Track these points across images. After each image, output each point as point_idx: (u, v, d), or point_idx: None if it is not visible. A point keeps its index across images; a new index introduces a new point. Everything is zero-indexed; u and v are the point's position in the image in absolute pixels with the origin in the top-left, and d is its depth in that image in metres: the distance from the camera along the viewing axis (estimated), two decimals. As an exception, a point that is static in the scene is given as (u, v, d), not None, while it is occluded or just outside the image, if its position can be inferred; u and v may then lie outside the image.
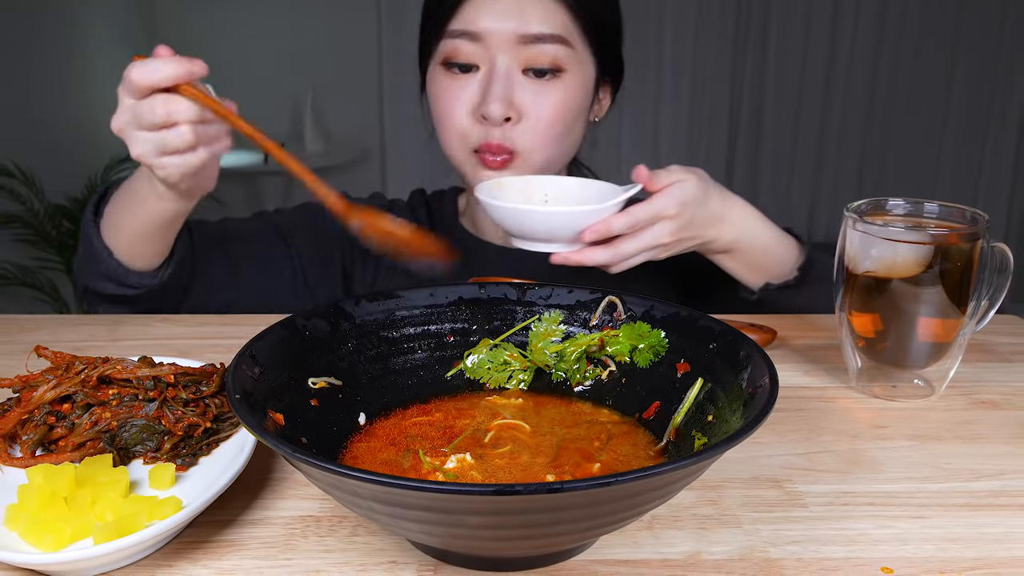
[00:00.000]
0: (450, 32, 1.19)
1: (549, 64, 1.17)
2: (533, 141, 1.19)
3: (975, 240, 0.90)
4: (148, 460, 0.77)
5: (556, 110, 1.19)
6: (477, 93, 1.19)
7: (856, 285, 0.95)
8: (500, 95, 1.16)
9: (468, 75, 1.20)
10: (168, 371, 0.82)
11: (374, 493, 0.53)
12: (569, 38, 1.18)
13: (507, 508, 0.53)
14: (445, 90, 1.22)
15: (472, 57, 1.18)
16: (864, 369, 0.99)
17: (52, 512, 0.66)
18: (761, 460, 0.83)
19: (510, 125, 1.18)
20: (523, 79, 1.18)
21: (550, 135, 1.20)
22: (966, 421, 0.92)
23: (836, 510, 0.75)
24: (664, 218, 1.04)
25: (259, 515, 0.73)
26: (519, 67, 1.18)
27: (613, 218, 1.01)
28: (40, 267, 3.67)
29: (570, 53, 1.18)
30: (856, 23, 4.62)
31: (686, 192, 1.04)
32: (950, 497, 0.77)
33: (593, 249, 1.03)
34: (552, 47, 1.16)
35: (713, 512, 0.74)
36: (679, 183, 1.04)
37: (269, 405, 0.68)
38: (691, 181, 1.05)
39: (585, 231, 1.01)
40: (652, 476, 0.52)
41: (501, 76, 1.17)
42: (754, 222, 1.13)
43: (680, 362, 0.79)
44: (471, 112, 1.20)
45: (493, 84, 1.16)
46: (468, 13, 1.18)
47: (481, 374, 0.85)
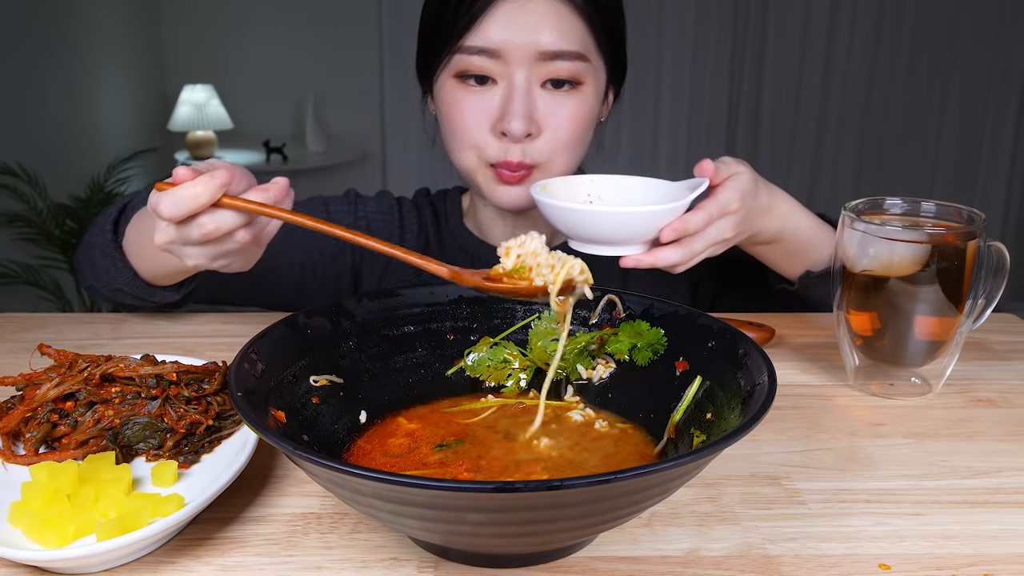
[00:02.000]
0: (466, 48, 1.15)
1: (568, 76, 1.15)
2: (553, 154, 1.18)
3: (972, 239, 0.90)
4: (151, 458, 0.77)
5: (574, 121, 1.17)
6: (496, 108, 1.15)
7: (854, 284, 0.95)
8: (521, 112, 1.13)
9: (485, 87, 1.16)
10: (171, 369, 0.82)
11: (375, 490, 0.53)
12: (586, 52, 1.15)
13: (507, 505, 0.53)
14: (460, 102, 1.18)
15: (490, 71, 1.15)
16: (862, 367, 0.99)
17: (55, 509, 0.66)
18: (759, 457, 0.83)
19: (529, 140, 1.16)
20: (542, 92, 1.15)
21: (569, 145, 1.19)
22: (963, 419, 0.92)
23: (834, 507, 0.75)
24: (728, 212, 1.00)
25: (261, 512, 0.73)
26: (538, 81, 1.15)
27: (689, 216, 0.97)
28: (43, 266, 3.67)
29: (587, 67, 1.17)
30: (853, 24, 4.63)
31: (745, 184, 1.02)
32: (947, 494, 0.77)
33: (663, 249, 0.97)
34: (571, 63, 1.14)
35: (712, 509, 0.74)
36: (737, 175, 1.02)
37: (271, 403, 0.68)
38: (746, 173, 1.03)
39: (664, 230, 0.96)
40: (651, 473, 0.52)
41: (521, 92, 1.14)
42: (796, 211, 1.11)
43: (679, 360, 0.79)
44: (490, 127, 1.16)
45: (514, 100, 1.13)
46: (486, 29, 1.13)
47: (481, 372, 0.85)
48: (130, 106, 4.42)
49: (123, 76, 4.36)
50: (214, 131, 4.58)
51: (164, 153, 4.63)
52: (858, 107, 4.76)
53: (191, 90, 4.50)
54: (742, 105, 4.80)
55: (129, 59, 4.46)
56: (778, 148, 4.85)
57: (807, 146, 4.85)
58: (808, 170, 4.89)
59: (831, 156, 4.85)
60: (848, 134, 4.80)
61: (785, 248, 1.11)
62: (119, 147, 4.08)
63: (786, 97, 4.76)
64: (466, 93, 1.17)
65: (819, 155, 4.86)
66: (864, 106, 4.76)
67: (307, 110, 4.71)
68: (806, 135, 4.82)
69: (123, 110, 4.34)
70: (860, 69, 4.68)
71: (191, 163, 4.58)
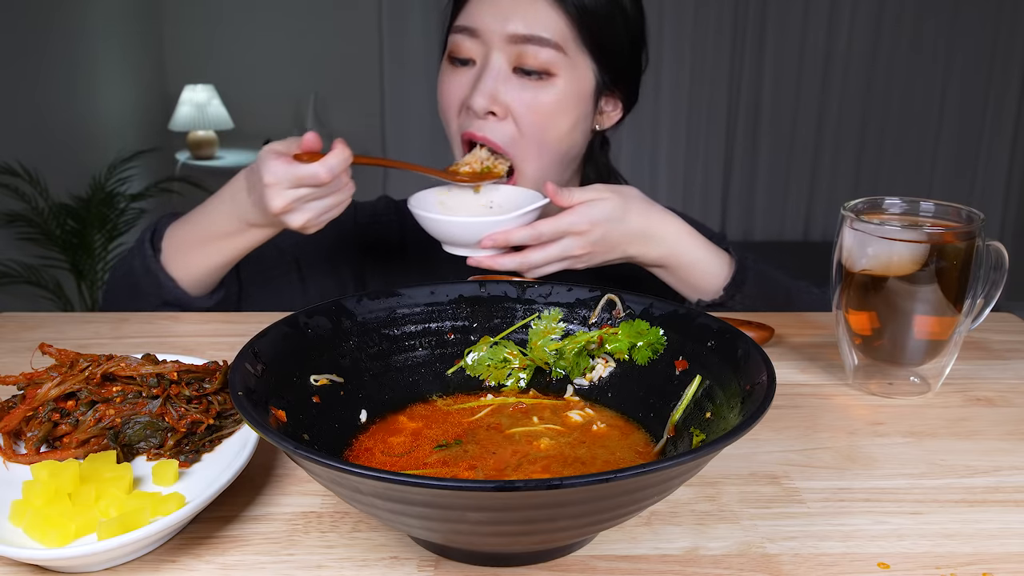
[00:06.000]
0: (455, 27, 1.23)
1: (538, 66, 1.19)
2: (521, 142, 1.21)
3: (971, 239, 0.90)
4: (152, 457, 0.77)
5: (540, 111, 1.20)
6: (468, 86, 1.22)
7: (853, 283, 0.95)
8: (484, 89, 1.19)
9: (465, 68, 1.23)
10: (171, 368, 0.82)
11: (375, 489, 0.54)
12: (563, 44, 1.19)
13: (507, 504, 0.53)
14: (443, 82, 1.27)
15: (471, 52, 1.22)
16: (861, 366, 0.99)
17: (57, 508, 0.66)
18: (759, 456, 0.83)
19: (495, 121, 1.21)
20: (513, 77, 1.20)
21: (536, 136, 1.21)
22: (962, 418, 0.92)
23: (833, 506, 0.75)
24: (572, 233, 1.10)
25: (261, 511, 0.73)
26: (510, 65, 1.20)
27: (514, 230, 1.10)
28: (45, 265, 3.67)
29: (562, 58, 1.19)
30: (852, 23, 4.63)
31: (599, 210, 1.11)
32: (946, 493, 0.77)
33: (503, 255, 1.11)
34: (543, 50, 1.18)
35: (711, 508, 0.74)
36: (592, 201, 1.11)
37: (271, 402, 0.68)
38: (608, 200, 1.12)
39: (484, 239, 1.10)
40: (651, 472, 0.52)
41: (492, 71, 1.19)
42: (683, 238, 1.17)
43: (678, 359, 0.79)
44: (461, 103, 1.24)
45: (482, 78, 1.20)
46: (471, 10, 1.21)
47: (481, 371, 0.85)
48: (131, 106, 4.42)
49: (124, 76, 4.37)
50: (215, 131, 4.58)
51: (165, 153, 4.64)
52: (857, 107, 4.76)
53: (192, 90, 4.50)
54: (741, 105, 4.80)
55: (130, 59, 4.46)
56: (777, 148, 4.85)
57: (806, 146, 4.85)
58: (807, 170, 4.89)
59: (830, 156, 4.85)
60: (847, 134, 4.81)
61: (678, 274, 1.19)
62: (120, 147, 4.08)
63: (785, 97, 4.76)
64: (451, 73, 1.26)
65: (818, 155, 4.86)
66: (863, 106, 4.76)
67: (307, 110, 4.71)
68: (805, 135, 4.83)
69: (124, 110, 4.34)
70: (859, 69, 4.68)
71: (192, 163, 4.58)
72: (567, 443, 0.75)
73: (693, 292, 1.21)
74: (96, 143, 4.03)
